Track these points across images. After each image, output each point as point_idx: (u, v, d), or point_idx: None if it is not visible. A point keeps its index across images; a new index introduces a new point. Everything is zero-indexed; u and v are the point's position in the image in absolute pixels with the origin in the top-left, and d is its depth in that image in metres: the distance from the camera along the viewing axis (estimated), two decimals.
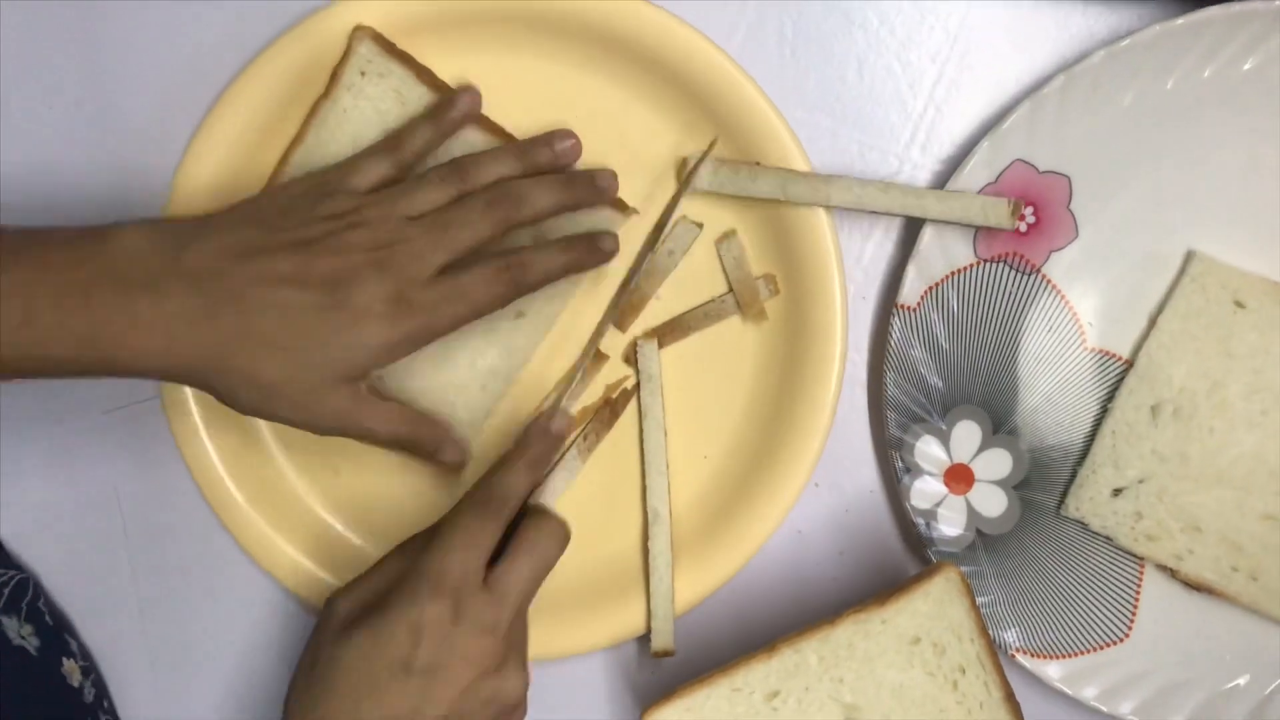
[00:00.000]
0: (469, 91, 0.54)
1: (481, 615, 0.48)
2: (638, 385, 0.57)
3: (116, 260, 0.46)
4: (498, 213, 0.51)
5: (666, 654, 0.57)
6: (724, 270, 0.57)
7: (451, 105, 0.54)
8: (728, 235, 0.56)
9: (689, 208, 0.56)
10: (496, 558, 0.50)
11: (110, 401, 0.59)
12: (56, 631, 0.57)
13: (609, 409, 0.57)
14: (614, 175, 0.55)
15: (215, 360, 0.47)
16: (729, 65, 0.54)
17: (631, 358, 0.57)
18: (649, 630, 0.57)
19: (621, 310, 0.57)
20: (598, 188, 0.54)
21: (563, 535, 0.52)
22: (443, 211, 0.50)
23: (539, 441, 0.53)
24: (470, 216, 0.50)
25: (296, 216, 0.49)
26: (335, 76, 0.55)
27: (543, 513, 0.52)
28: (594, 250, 0.54)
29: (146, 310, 0.45)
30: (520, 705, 0.50)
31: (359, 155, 0.53)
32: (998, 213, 0.53)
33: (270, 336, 0.47)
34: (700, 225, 0.56)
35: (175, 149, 0.56)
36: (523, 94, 0.56)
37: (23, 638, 0.55)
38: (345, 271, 0.48)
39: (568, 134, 0.54)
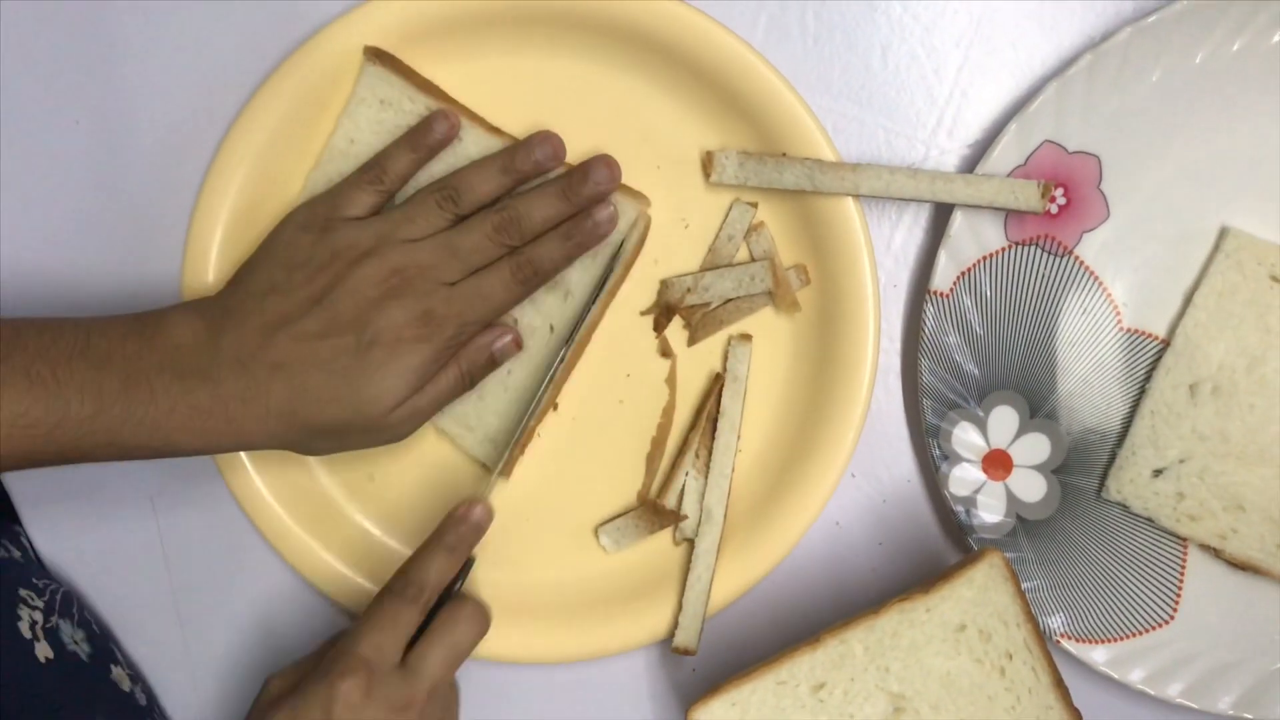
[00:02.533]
0: (444, 115, 0.54)
1: (394, 694, 0.49)
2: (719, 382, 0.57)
3: (169, 354, 0.49)
4: (503, 238, 0.53)
5: (687, 652, 0.56)
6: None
7: (429, 130, 0.54)
8: (756, 228, 0.56)
9: (722, 200, 0.56)
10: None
11: None
12: (104, 640, 0.58)
13: (709, 421, 0.57)
14: (609, 164, 0.54)
15: (279, 427, 0.50)
16: (753, 57, 0.54)
17: (667, 351, 0.57)
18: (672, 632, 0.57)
19: (695, 322, 0.57)
20: (596, 185, 0.54)
21: (481, 620, 0.53)
22: (448, 236, 0.52)
23: (455, 529, 0.53)
24: (478, 243, 0.53)
25: (304, 270, 0.51)
26: (349, 97, 0.55)
27: (463, 598, 0.53)
28: (594, 230, 0.54)
29: (204, 399, 0.49)
30: None
31: (343, 185, 0.54)
32: (1028, 195, 0.53)
33: (321, 391, 0.50)
34: (754, 204, 0.56)
35: (192, 170, 0.56)
36: (543, 92, 0.56)
37: (75, 643, 0.55)
38: (368, 308, 0.50)
39: (546, 138, 0.54)
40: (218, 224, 0.56)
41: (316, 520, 0.58)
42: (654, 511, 0.57)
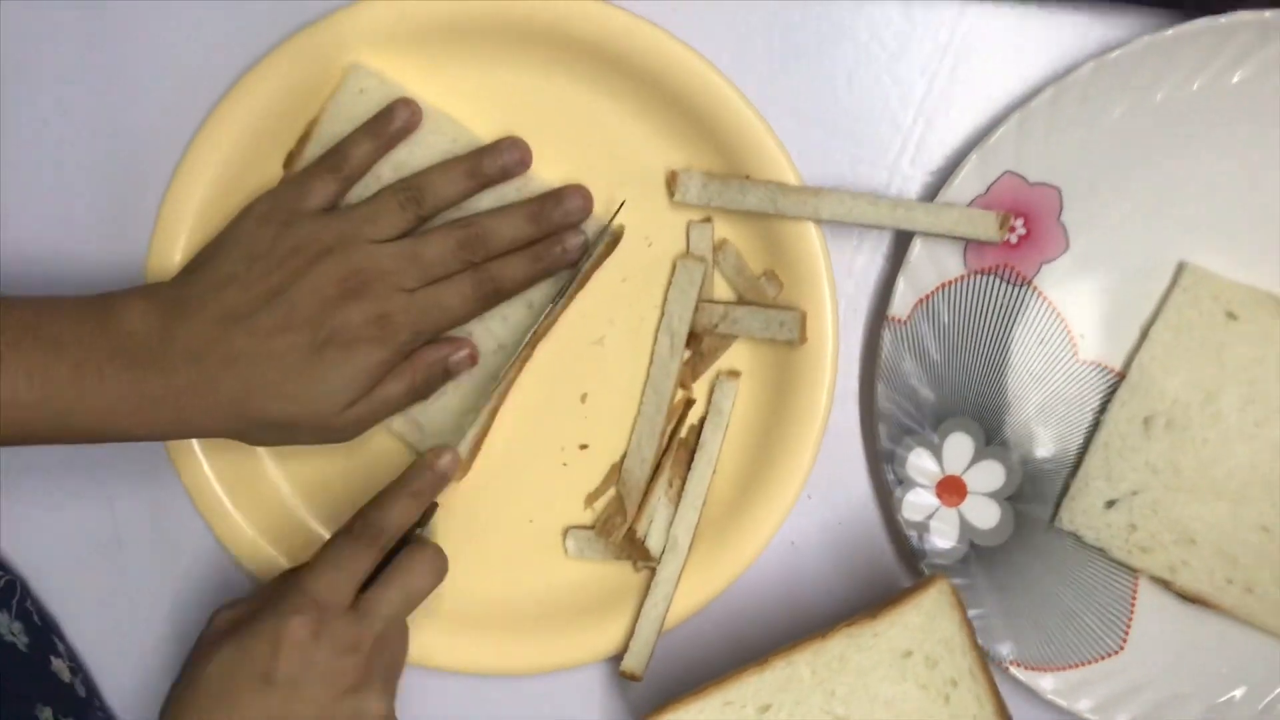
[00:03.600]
0: (406, 103, 0.54)
1: (343, 634, 0.49)
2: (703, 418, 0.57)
3: (122, 340, 0.49)
4: (467, 253, 0.53)
5: (633, 678, 0.57)
6: (726, 279, 0.57)
7: (390, 118, 0.54)
8: (721, 245, 0.56)
9: (680, 221, 0.56)
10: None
11: None
12: (44, 631, 0.58)
13: (684, 449, 0.57)
14: (584, 195, 0.55)
15: (227, 418, 0.50)
16: (718, 79, 0.54)
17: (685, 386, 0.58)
18: (624, 648, 0.57)
19: (700, 350, 0.57)
20: (567, 214, 0.54)
21: (439, 566, 0.53)
22: (412, 244, 0.52)
23: (420, 475, 0.53)
24: (441, 255, 0.53)
25: (263, 263, 0.51)
26: (328, 99, 0.55)
27: (422, 543, 0.53)
28: (562, 255, 0.55)
29: (155, 388, 0.49)
30: None
31: (303, 175, 0.54)
32: (986, 225, 0.54)
33: (274, 387, 0.50)
34: (709, 219, 0.56)
35: (168, 162, 0.56)
36: (511, 106, 0.56)
37: (13, 634, 0.55)
38: (325, 306, 0.50)
39: (513, 144, 0.55)
40: (187, 215, 0.55)
41: (270, 521, 0.58)
42: (630, 543, 0.57)
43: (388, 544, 0.51)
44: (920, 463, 0.57)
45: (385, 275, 0.51)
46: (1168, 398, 0.55)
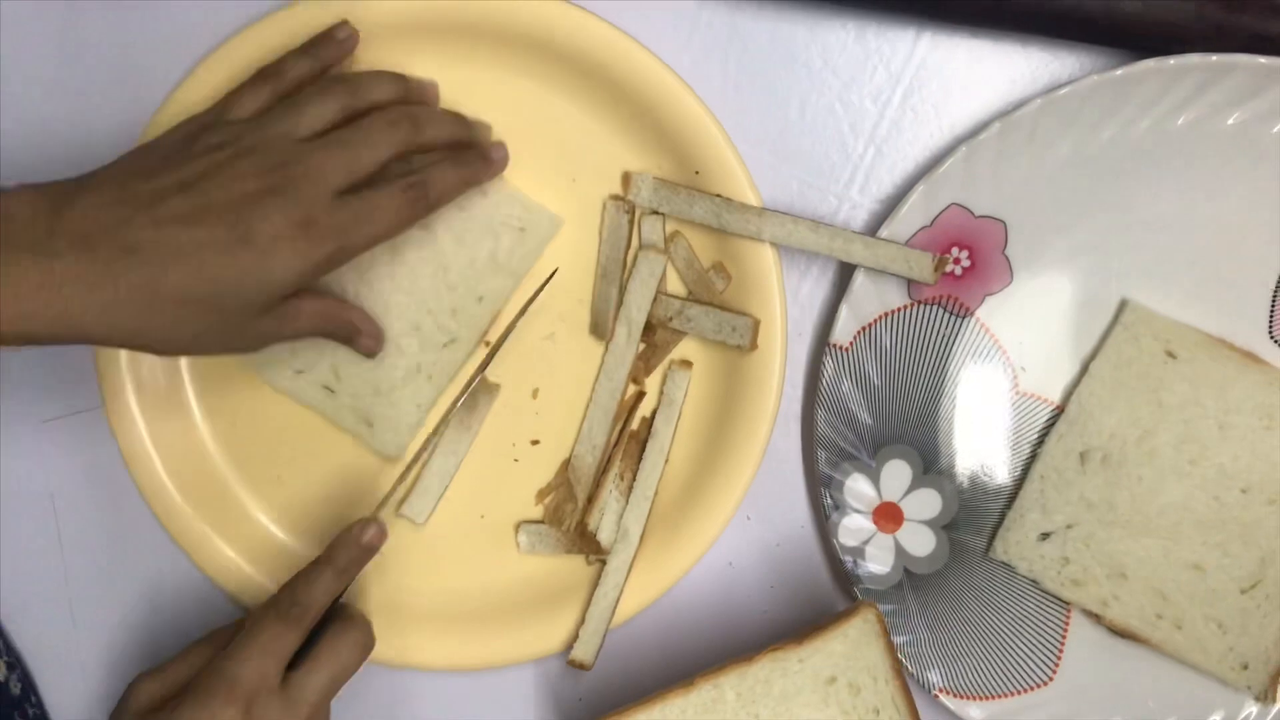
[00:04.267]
0: (346, 24, 0.53)
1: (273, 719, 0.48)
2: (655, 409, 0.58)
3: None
4: (398, 134, 0.50)
5: (582, 667, 0.57)
6: (676, 270, 0.57)
7: (330, 37, 0.53)
8: (674, 237, 0.57)
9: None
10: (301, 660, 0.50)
11: (49, 411, 0.59)
12: None
13: (634, 442, 0.57)
14: (505, 150, 0.55)
15: (127, 320, 0.44)
16: (677, 84, 0.54)
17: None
18: (570, 645, 0.57)
19: (651, 349, 0.58)
20: (484, 142, 0.54)
21: (365, 643, 0.52)
22: (340, 131, 0.49)
23: (346, 550, 0.52)
24: (371, 136, 0.49)
25: (179, 157, 0.47)
26: None
27: (349, 619, 0.52)
28: (487, 161, 0.54)
29: (34, 275, 0.43)
30: None
31: (235, 90, 0.51)
32: (921, 266, 0.54)
33: (181, 289, 0.45)
34: (661, 214, 0.56)
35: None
36: (468, 101, 0.56)
37: None
38: (243, 201, 0.45)
39: (434, 85, 0.54)
40: None
41: (221, 518, 0.58)
42: (580, 536, 0.57)
43: (312, 622, 0.51)
44: (858, 488, 0.57)
45: (311, 173, 0.46)
46: (1105, 433, 0.56)
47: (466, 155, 0.53)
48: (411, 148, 0.50)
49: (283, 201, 0.46)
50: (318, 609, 0.51)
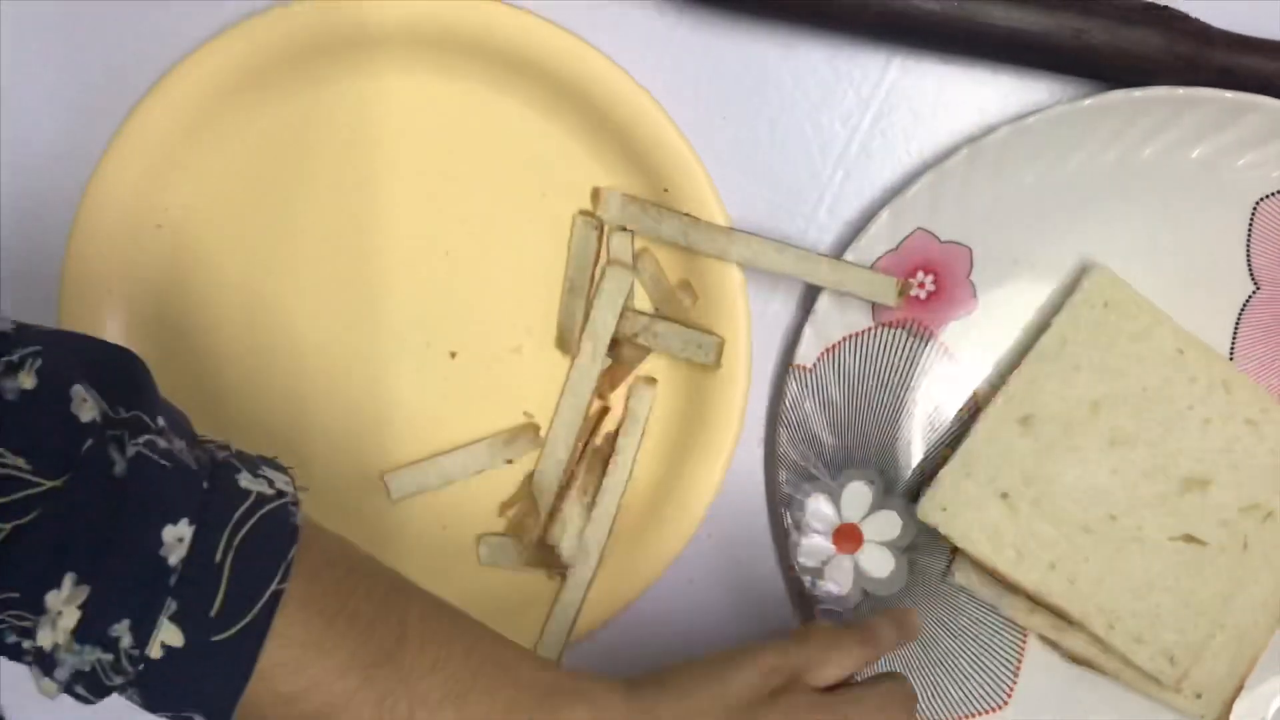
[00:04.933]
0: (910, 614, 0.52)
1: None
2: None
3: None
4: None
5: None
6: (643, 286, 0.57)
7: (913, 621, 0.51)
8: (642, 253, 0.57)
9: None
10: None
11: None
12: None
13: (598, 458, 0.58)
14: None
15: None
16: (649, 103, 0.55)
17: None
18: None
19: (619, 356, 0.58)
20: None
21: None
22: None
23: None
24: None
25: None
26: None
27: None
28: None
29: None
30: None
31: (821, 640, 0.48)
32: (884, 290, 0.54)
33: None
34: (631, 230, 0.56)
35: (89, 159, 0.56)
36: (433, 115, 0.56)
37: None
38: None
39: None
40: (98, 234, 0.55)
41: None
42: (542, 550, 0.58)
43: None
44: (819, 508, 0.57)
45: None
46: (1049, 403, 0.55)
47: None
48: None
49: None
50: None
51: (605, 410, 0.58)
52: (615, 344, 0.57)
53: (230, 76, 0.55)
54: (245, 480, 0.40)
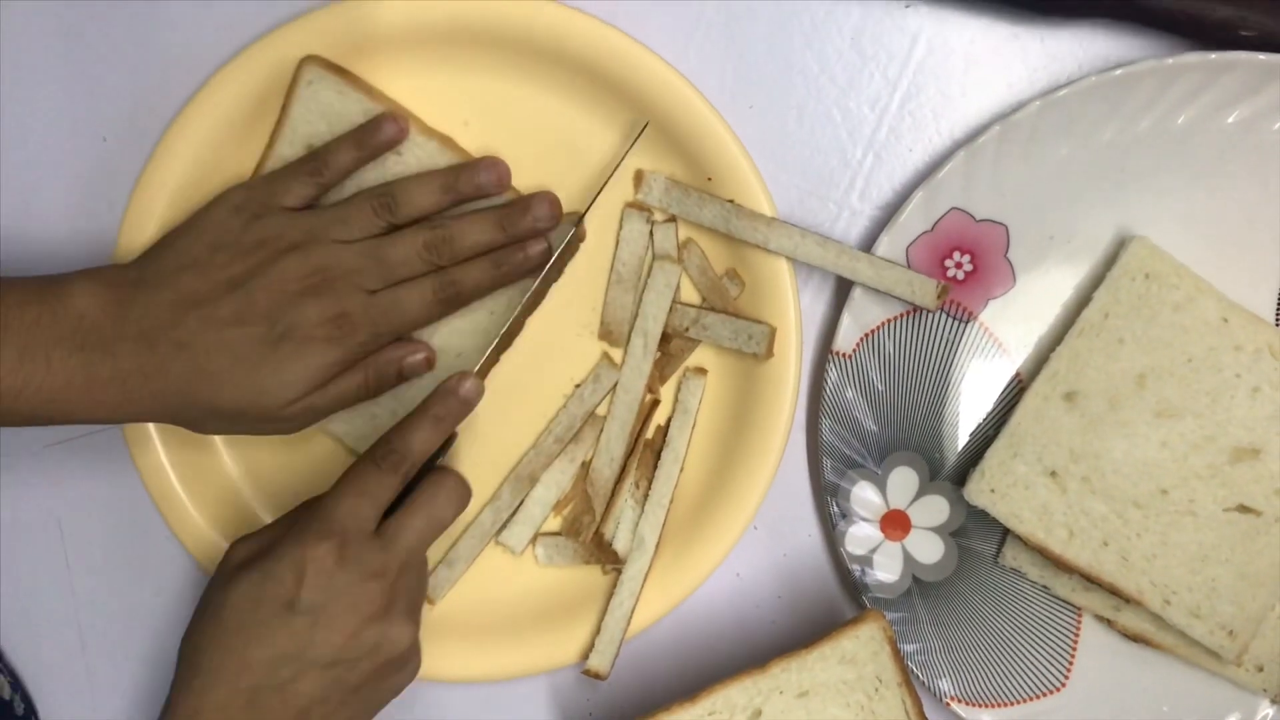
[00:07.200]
0: (393, 118, 0.54)
1: (367, 561, 0.48)
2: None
3: (71, 323, 0.48)
4: (432, 255, 0.53)
5: (598, 676, 0.57)
6: (690, 278, 0.57)
7: (376, 130, 0.54)
8: (686, 244, 0.56)
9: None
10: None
11: (53, 435, 0.59)
12: None
13: (649, 451, 0.57)
14: (552, 202, 0.54)
15: (175, 404, 0.50)
16: (691, 92, 0.54)
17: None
18: (584, 657, 0.57)
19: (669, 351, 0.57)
20: (535, 221, 0.54)
21: (462, 494, 0.52)
22: (378, 244, 0.52)
23: (444, 401, 0.52)
24: (407, 256, 0.53)
25: (227, 252, 0.51)
26: (286, 105, 0.55)
27: (445, 471, 0.52)
28: (524, 261, 0.54)
29: (104, 371, 0.49)
30: (409, 658, 0.50)
31: (282, 173, 0.54)
32: (925, 292, 0.54)
33: (223, 375, 0.50)
34: (673, 219, 0.56)
35: (140, 152, 0.56)
36: (475, 110, 0.56)
37: None
38: (284, 301, 0.50)
39: (493, 164, 0.55)
40: (154, 214, 0.55)
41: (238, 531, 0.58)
42: (598, 546, 0.57)
43: (410, 471, 0.51)
44: (865, 496, 0.57)
45: (348, 274, 0.51)
46: (1094, 378, 0.54)
47: (504, 256, 0.54)
48: (445, 263, 0.53)
49: (318, 300, 0.51)
50: (415, 458, 0.51)
51: (655, 403, 0.58)
52: (664, 338, 0.57)
53: (282, 71, 0.55)
54: None
